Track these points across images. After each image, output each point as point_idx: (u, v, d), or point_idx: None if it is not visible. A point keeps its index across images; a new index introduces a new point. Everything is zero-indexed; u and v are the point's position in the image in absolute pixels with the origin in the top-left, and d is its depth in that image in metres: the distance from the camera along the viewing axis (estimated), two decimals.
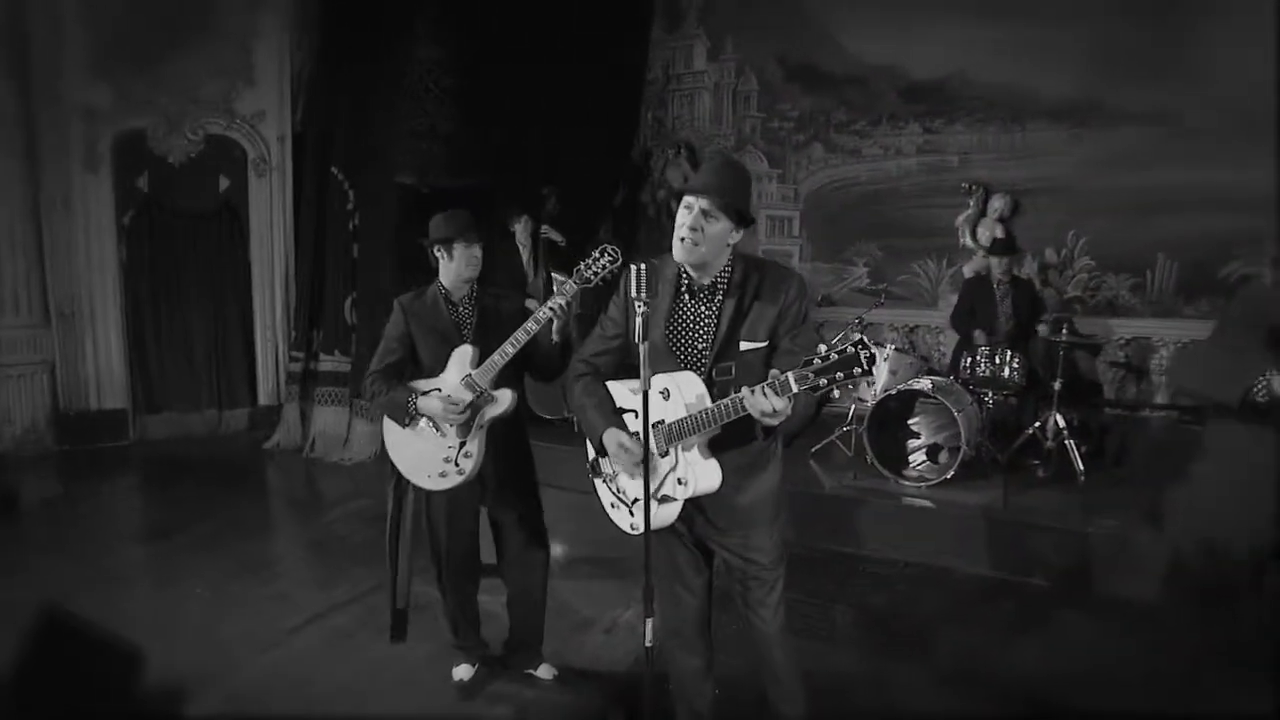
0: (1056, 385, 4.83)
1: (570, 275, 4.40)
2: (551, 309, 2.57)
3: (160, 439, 6.35)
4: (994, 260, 5.40)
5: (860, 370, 1.73)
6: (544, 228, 5.67)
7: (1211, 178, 5.61)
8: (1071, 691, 3.03)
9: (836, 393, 1.94)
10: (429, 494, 2.82)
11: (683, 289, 2.12)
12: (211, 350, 6.56)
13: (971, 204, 6.23)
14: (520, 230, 5.77)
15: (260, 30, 6.39)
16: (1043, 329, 5.18)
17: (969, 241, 6.27)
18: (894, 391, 4.79)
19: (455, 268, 2.74)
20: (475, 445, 2.69)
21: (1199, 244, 5.74)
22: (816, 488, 4.84)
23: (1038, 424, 4.96)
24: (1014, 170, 6.14)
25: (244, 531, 4.58)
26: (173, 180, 6.28)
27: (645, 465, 1.93)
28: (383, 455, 3.07)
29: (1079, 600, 3.86)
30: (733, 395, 1.91)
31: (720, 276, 2.09)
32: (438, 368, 2.75)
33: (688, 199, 2.03)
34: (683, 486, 2.03)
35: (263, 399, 6.53)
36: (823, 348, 1.78)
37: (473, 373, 2.67)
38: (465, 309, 2.80)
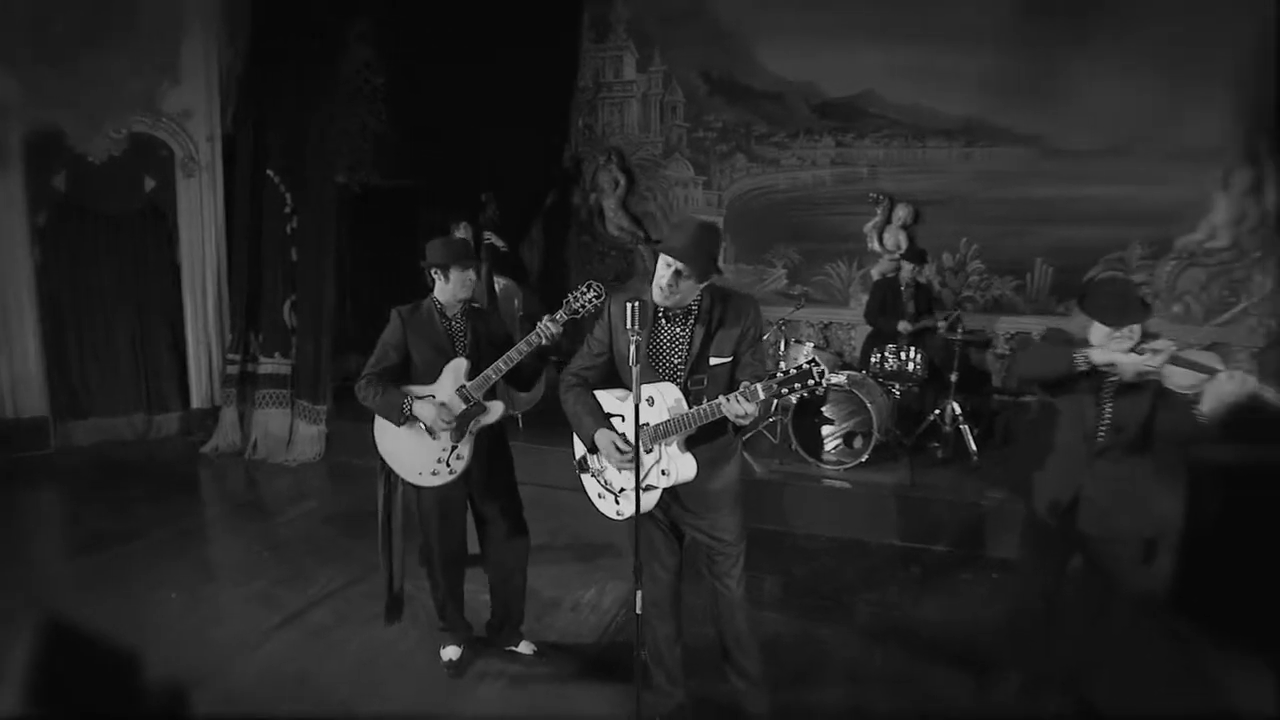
0: (953, 377, 5.46)
1: (511, 278, 4.62)
2: (542, 335, 2.85)
3: (85, 446, 6.19)
4: (905, 265, 5.99)
5: (813, 383, 2.15)
6: (486, 234, 5.88)
7: (1079, 193, 6.41)
8: (965, 638, 3.59)
9: (794, 399, 2.37)
10: (420, 490, 3.08)
11: (660, 315, 2.51)
12: (138, 354, 6.42)
13: (879, 212, 6.85)
14: (461, 230, 5.95)
15: (186, 26, 6.28)
16: (941, 326, 5.81)
17: (876, 246, 6.90)
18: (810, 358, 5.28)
19: (451, 289, 3.02)
20: (466, 448, 2.99)
21: (1069, 251, 6.55)
22: (748, 473, 5.30)
23: (938, 411, 5.59)
24: (916, 182, 6.78)
25: (204, 536, 4.66)
26: (93, 180, 6.08)
27: (637, 460, 2.30)
28: (357, 455, 3.29)
29: (973, 562, 4.47)
30: (710, 402, 2.31)
31: (692, 305, 2.49)
32: (430, 376, 3.01)
33: (665, 258, 2.40)
34: (665, 476, 2.41)
35: (196, 402, 6.44)
36: (784, 364, 2.19)
37: (467, 384, 2.95)
38: (458, 324, 3.07)
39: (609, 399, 2.59)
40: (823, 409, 5.49)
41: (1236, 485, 3.70)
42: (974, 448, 5.36)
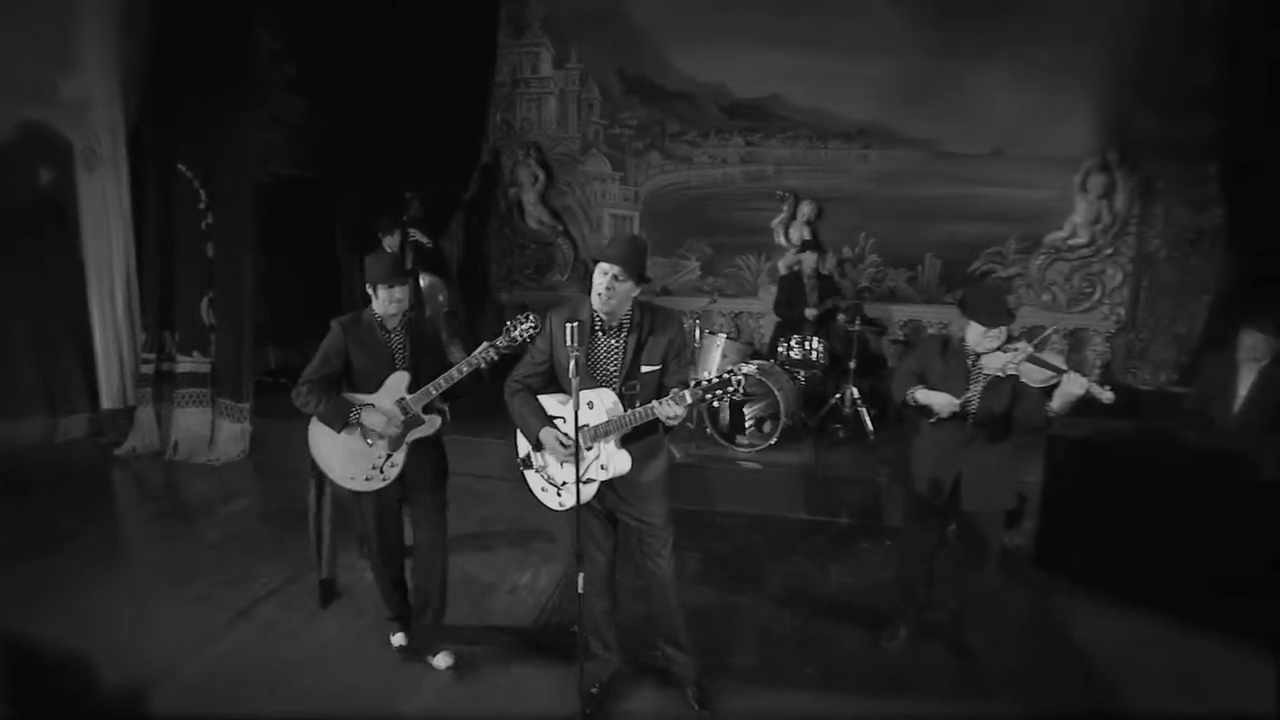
0: (852, 364, 5.97)
1: (438, 274, 4.76)
2: (481, 360, 3.04)
3: None
4: (805, 258, 6.46)
5: (734, 389, 2.49)
6: (411, 231, 5.96)
7: (964, 193, 7.05)
8: (862, 598, 4.07)
9: (719, 404, 2.70)
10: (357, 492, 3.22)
11: (597, 328, 2.80)
12: (39, 354, 6.16)
13: (785, 209, 7.31)
14: (391, 237, 6.02)
15: (80, 13, 6.03)
16: (841, 318, 6.31)
17: (783, 240, 7.37)
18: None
19: (380, 306, 3.14)
20: (400, 456, 3.17)
21: (955, 246, 7.21)
22: (669, 458, 5.66)
23: (838, 395, 6.10)
24: (819, 180, 7.28)
25: (134, 539, 4.64)
26: None
27: (577, 457, 2.59)
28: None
29: (870, 531, 4.98)
30: (644, 405, 2.63)
31: (625, 318, 2.79)
32: (368, 385, 3.15)
33: (602, 265, 2.70)
34: (604, 471, 2.72)
35: (107, 403, 6.26)
36: (707, 373, 2.53)
37: (407, 397, 3.12)
38: (397, 336, 3.21)
39: (551, 403, 2.87)
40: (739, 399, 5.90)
41: (1084, 455, 4.32)
42: (870, 428, 5.89)
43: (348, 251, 7.66)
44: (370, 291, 3.15)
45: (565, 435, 2.75)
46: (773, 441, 5.57)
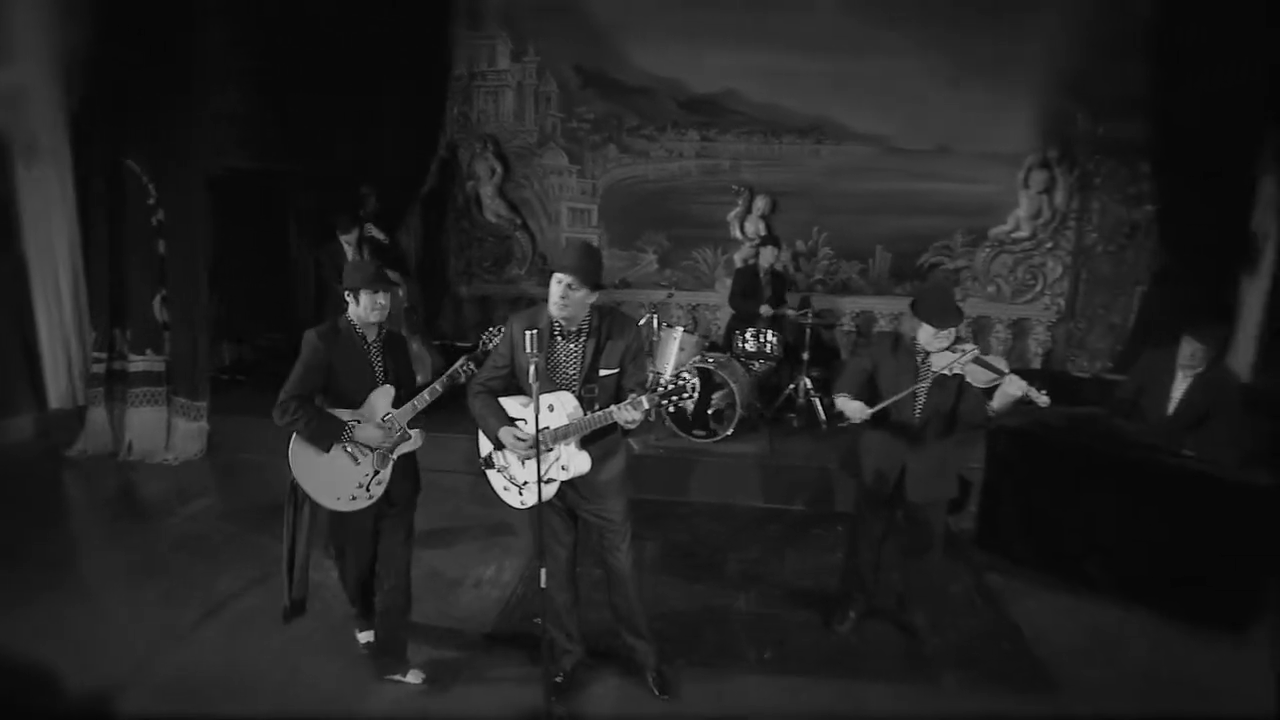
0: (805, 355, 6.15)
1: (396, 270, 4.76)
2: (461, 374, 3.08)
3: None
4: (762, 252, 6.59)
5: (688, 395, 2.61)
6: (368, 226, 5.94)
7: (913, 188, 7.27)
8: (815, 582, 4.26)
9: (672, 408, 2.81)
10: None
11: (556, 333, 2.89)
12: None
13: (740, 202, 7.44)
14: (349, 237, 5.98)
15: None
16: (792, 311, 6.47)
17: (738, 234, 7.51)
18: (684, 368, 5.81)
19: (361, 312, 3.05)
20: (387, 473, 3.13)
21: (905, 239, 7.44)
22: (628, 450, 5.77)
23: (792, 385, 6.27)
24: (773, 175, 7.42)
25: (95, 541, 4.58)
26: None
27: (538, 459, 2.68)
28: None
29: (823, 518, 5.17)
30: (604, 409, 2.73)
31: (583, 323, 2.88)
32: (349, 399, 3.07)
33: (558, 275, 2.79)
34: (564, 471, 2.82)
35: (54, 403, 6.12)
36: (664, 378, 2.64)
37: (394, 413, 3.10)
38: (376, 348, 3.13)
39: (513, 405, 2.95)
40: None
41: (1022, 443, 4.55)
42: (823, 417, 6.09)
43: (303, 245, 7.59)
44: (350, 299, 3.05)
45: (526, 436, 2.84)
46: (729, 432, 5.71)
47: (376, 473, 3.11)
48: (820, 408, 6.11)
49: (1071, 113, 7.04)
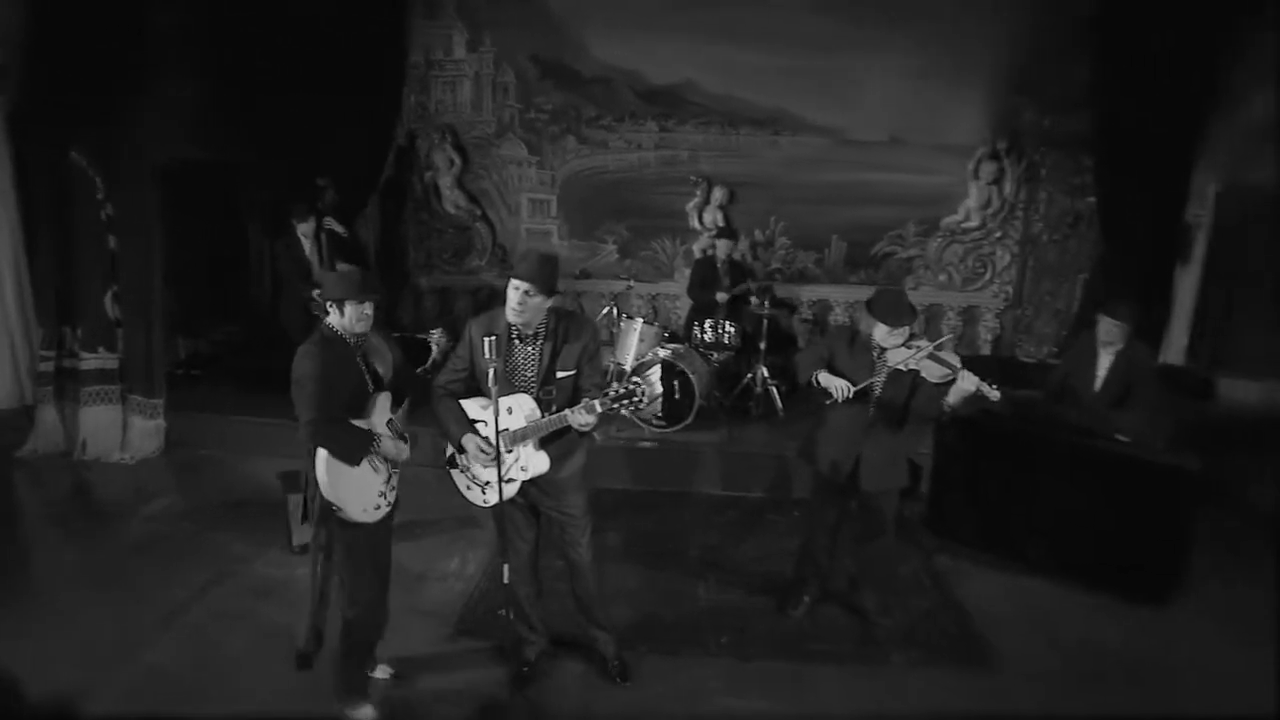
0: (762, 345, 6.28)
1: (354, 263, 4.73)
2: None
3: None
4: (719, 243, 6.70)
5: (640, 400, 2.70)
6: (325, 219, 5.89)
7: (867, 178, 7.43)
8: (771, 567, 4.41)
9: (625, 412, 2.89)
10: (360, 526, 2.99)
11: (514, 336, 2.96)
12: None
13: (699, 193, 7.53)
14: (304, 224, 5.93)
15: None
16: (753, 300, 6.60)
17: (697, 224, 7.60)
18: (644, 360, 5.90)
19: (347, 323, 2.93)
20: (396, 478, 3.08)
21: (859, 228, 7.61)
22: (589, 441, 5.86)
23: (750, 375, 6.41)
24: (731, 166, 7.51)
25: (50, 543, 4.52)
26: None
27: (498, 460, 2.76)
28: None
29: (780, 504, 5.33)
30: (559, 412, 2.81)
31: (540, 326, 2.96)
32: (351, 409, 2.95)
33: (514, 281, 2.85)
34: (524, 471, 2.91)
35: (1, 403, 5.98)
36: (616, 385, 2.73)
37: (394, 417, 3.09)
38: (358, 352, 3.04)
39: (474, 407, 3.02)
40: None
41: (968, 430, 4.75)
42: (780, 405, 6.24)
43: (259, 238, 7.49)
44: (334, 309, 2.93)
45: (486, 442, 2.91)
46: (688, 421, 5.84)
47: (390, 478, 3.04)
48: (778, 396, 6.26)
49: (1019, 106, 7.25)
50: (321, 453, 2.83)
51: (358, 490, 2.91)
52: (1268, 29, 6.31)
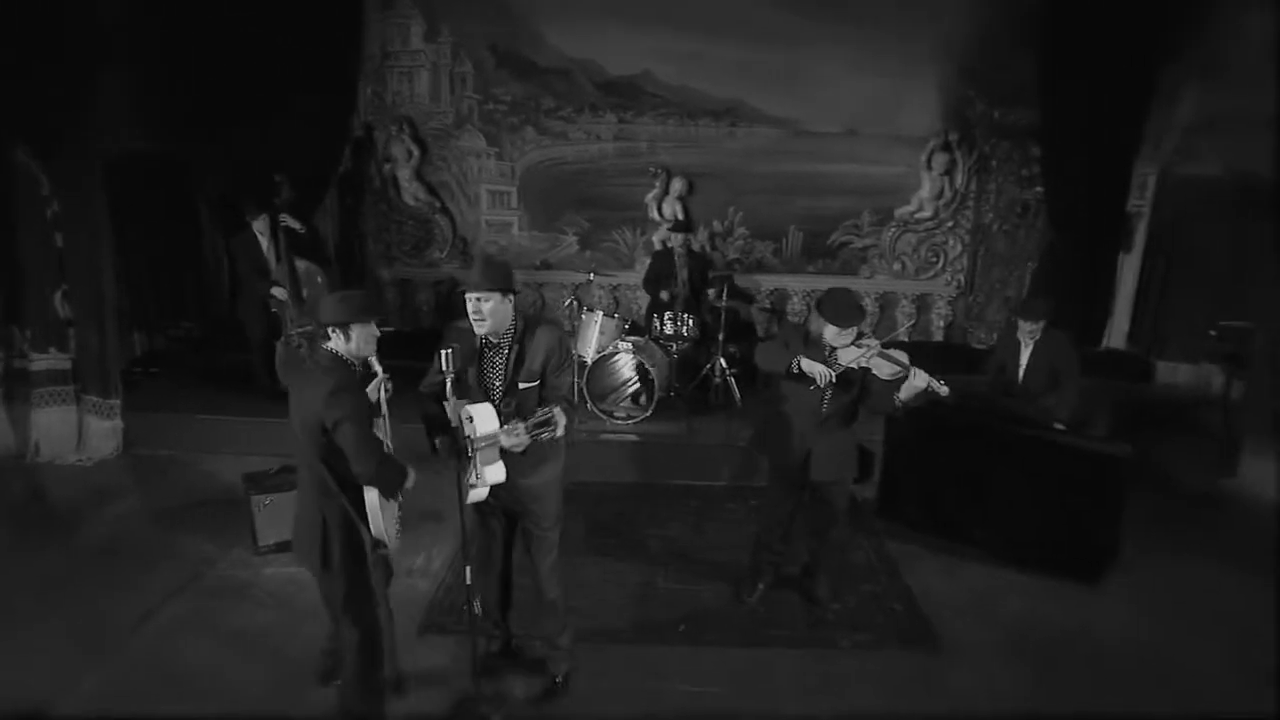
0: (721, 337, 6.40)
1: (313, 259, 4.67)
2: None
3: None
4: (675, 236, 6.78)
5: (553, 428, 2.81)
6: (282, 216, 5.83)
7: (823, 169, 7.55)
8: (728, 556, 4.54)
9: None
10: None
11: (483, 343, 3.01)
12: None
13: (657, 184, 7.59)
14: (259, 220, 5.87)
15: None
16: (710, 293, 6.71)
17: (656, 215, 7.66)
18: (604, 353, 5.97)
19: (354, 348, 2.84)
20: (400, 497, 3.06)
21: (815, 219, 7.74)
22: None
23: (709, 365, 6.53)
24: (689, 157, 7.56)
25: (12, 549, 4.45)
26: None
27: (459, 473, 2.83)
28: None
29: (738, 493, 5.47)
30: (503, 427, 2.87)
31: (507, 332, 3.00)
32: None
33: (468, 294, 2.90)
34: (480, 479, 2.95)
35: None
36: (541, 410, 2.81)
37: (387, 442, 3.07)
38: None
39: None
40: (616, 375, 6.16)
41: (916, 419, 4.93)
42: (738, 395, 6.38)
43: (216, 233, 7.38)
44: (338, 334, 2.81)
45: (454, 447, 2.92)
46: (649, 414, 5.95)
47: (398, 501, 3.05)
48: (735, 387, 6.39)
49: (970, 99, 7.41)
50: (372, 493, 2.80)
51: (386, 519, 2.88)
52: (1200, 29, 6.57)
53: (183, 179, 7.25)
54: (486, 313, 2.89)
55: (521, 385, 3.00)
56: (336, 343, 2.81)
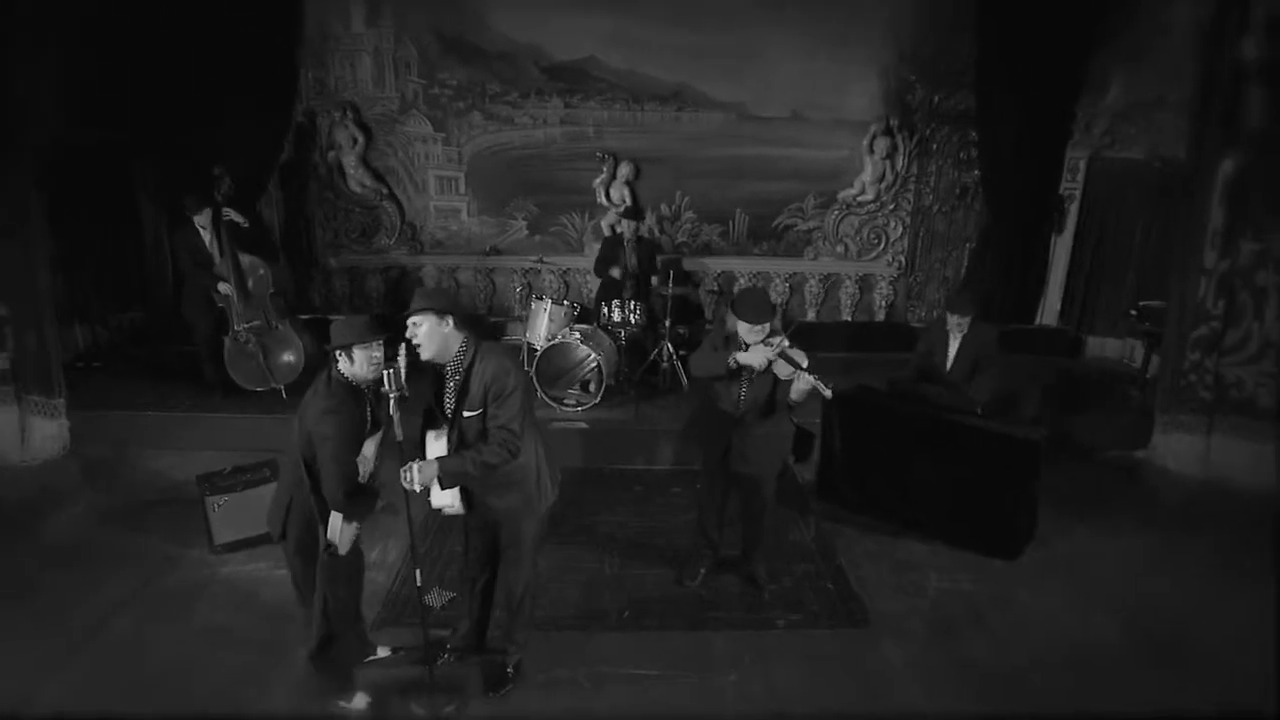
0: (667, 323, 6.55)
1: (259, 253, 4.69)
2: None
3: None
4: (626, 224, 6.87)
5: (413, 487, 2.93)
6: (225, 210, 5.77)
7: (768, 153, 7.68)
8: (670, 540, 4.75)
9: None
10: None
11: (443, 370, 3.12)
12: None
13: (605, 169, 7.64)
14: (201, 214, 5.80)
15: None
16: (655, 280, 6.83)
17: (604, 200, 7.73)
18: (554, 343, 6.08)
19: (358, 370, 3.01)
20: None
21: (761, 202, 7.89)
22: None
23: (657, 350, 6.69)
24: (636, 141, 7.62)
25: None
26: None
27: (406, 495, 2.97)
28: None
29: (683, 475, 5.62)
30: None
31: (454, 361, 3.09)
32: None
33: (408, 320, 3.00)
34: (431, 498, 3.09)
35: None
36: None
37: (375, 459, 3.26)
38: (368, 400, 3.14)
39: (430, 436, 3.17)
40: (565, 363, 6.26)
41: (849, 405, 5.16)
42: (685, 380, 6.55)
43: (155, 221, 7.25)
44: (342, 356, 2.99)
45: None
46: (597, 401, 6.10)
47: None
48: (682, 371, 6.56)
49: (912, 83, 7.57)
50: (336, 518, 3.01)
51: (348, 530, 3.13)
52: (1129, 17, 6.80)
53: (119, 167, 7.09)
54: (422, 335, 2.98)
55: (466, 414, 3.09)
56: (343, 365, 3.01)
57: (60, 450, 5.65)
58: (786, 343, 3.78)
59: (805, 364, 3.68)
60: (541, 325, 6.27)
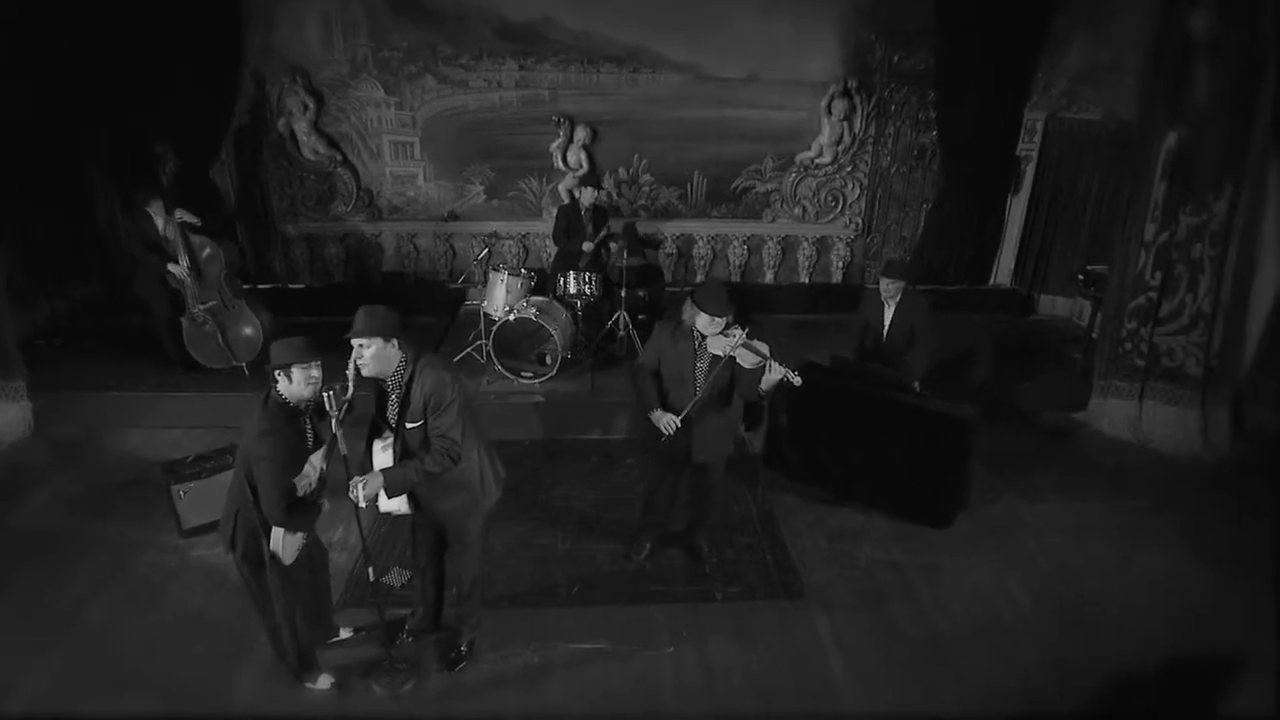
0: (623, 293, 6.63)
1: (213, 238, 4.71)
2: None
3: None
4: (585, 191, 6.85)
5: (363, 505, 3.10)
6: (178, 212, 5.70)
7: (726, 115, 7.63)
8: (621, 515, 4.95)
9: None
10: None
11: (386, 385, 3.25)
12: None
13: (561, 133, 7.56)
14: (154, 207, 5.74)
15: None
16: (613, 246, 6.87)
17: (561, 164, 7.68)
18: (510, 319, 6.14)
19: (296, 389, 3.05)
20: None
21: (719, 164, 7.87)
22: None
23: (614, 319, 6.79)
24: (593, 104, 7.53)
25: None
26: None
27: (355, 507, 3.13)
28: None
29: (638, 446, 5.79)
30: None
31: (394, 376, 3.21)
32: (297, 469, 3.18)
33: (353, 340, 3.10)
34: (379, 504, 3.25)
35: None
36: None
37: (323, 466, 3.32)
38: (305, 418, 3.19)
39: (376, 446, 3.34)
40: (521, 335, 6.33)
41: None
42: (640, 347, 6.67)
43: (107, 191, 7.13)
44: (281, 376, 3.04)
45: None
46: (553, 373, 6.23)
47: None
48: (638, 340, 6.68)
49: (871, 43, 7.50)
50: (278, 532, 3.13)
51: (291, 542, 3.25)
52: None
53: (60, 138, 6.91)
54: (369, 357, 3.11)
55: (408, 425, 3.23)
56: (282, 384, 3.04)
57: (24, 433, 5.70)
58: (743, 335, 3.88)
59: (767, 352, 3.81)
60: (499, 296, 6.32)
